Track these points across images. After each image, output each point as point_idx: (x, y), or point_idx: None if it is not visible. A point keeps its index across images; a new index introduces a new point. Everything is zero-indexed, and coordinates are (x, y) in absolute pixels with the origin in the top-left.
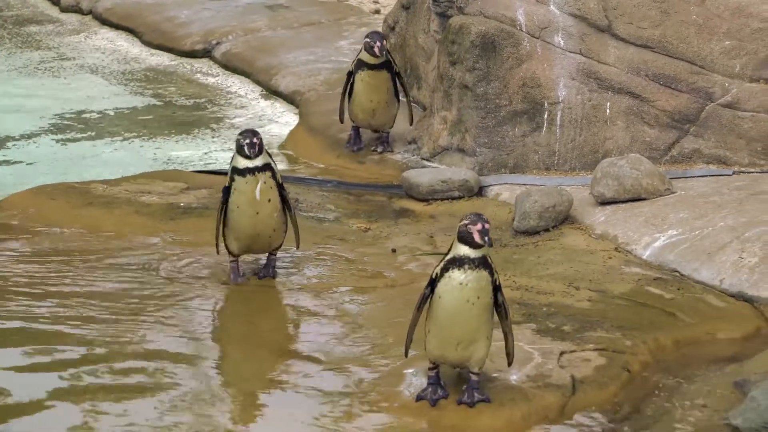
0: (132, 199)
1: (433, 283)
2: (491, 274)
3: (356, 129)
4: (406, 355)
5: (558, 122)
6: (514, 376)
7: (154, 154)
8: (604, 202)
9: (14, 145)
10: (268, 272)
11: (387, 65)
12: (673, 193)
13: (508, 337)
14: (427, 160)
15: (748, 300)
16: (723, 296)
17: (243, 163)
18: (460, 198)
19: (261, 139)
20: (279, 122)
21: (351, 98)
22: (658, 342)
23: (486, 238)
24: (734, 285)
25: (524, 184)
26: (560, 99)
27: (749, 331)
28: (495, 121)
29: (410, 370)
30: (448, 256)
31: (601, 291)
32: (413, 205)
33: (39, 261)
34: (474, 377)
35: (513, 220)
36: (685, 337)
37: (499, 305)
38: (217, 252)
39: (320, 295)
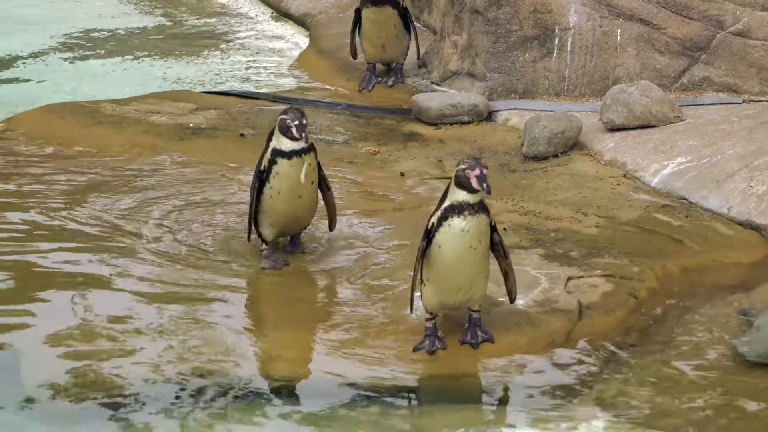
0: (141, 119)
1: (429, 233)
2: (489, 216)
3: (372, 67)
4: (411, 311)
5: (568, 48)
6: (521, 301)
7: (164, 74)
8: (614, 129)
9: (23, 63)
10: (296, 249)
11: (391, 1)
12: (682, 120)
13: (509, 276)
14: (437, 84)
15: (755, 228)
16: (731, 224)
17: (288, 144)
18: (469, 122)
19: (307, 118)
20: (289, 44)
21: (360, 34)
22: (666, 269)
23: (484, 185)
24: (742, 213)
25: (534, 110)
26: (571, 25)
27: (756, 260)
28: (505, 46)
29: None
30: (446, 204)
31: (609, 217)
32: (422, 129)
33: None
34: (475, 314)
35: (522, 145)
36: (693, 265)
37: (495, 244)
38: (248, 239)
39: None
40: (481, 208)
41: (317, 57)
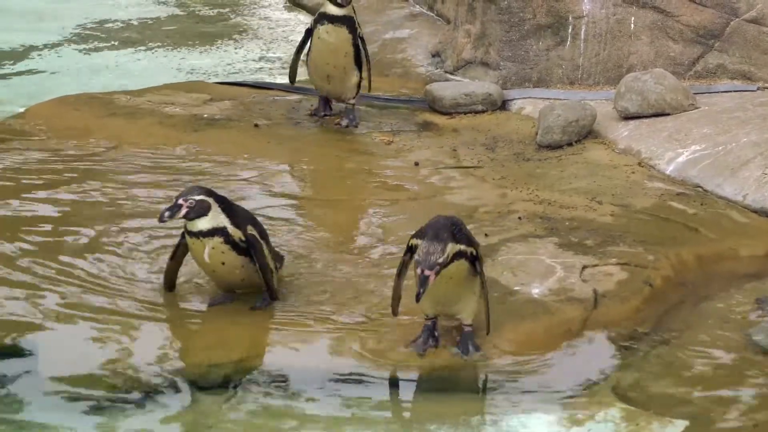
0: (155, 110)
1: (411, 250)
2: (461, 257)
3: (324, 98)
4: (394, 314)
5: (582, 36)
6: (536, 290)
7: (178, 64)
8: (628, 117)
9: (37, 54)
10: (263, 303)
11: (349, 22)
12: (696, 108)
13: (485, 307)
14: (451, 73)
15: None
16: (746, 212)
17: (188, 224)
18: (483, 112)
19: (195, 201)
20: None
21: (308, 59)
22: (681, 257)
23: (421, 290)
24: (757, 201)
25: (548, 98)
26: (585, 13)
27: None
28: (519, 34)
29: None
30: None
31: (623, 205)
32: (436, 119)
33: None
34: (467, 328)
35: (536, 134)
36: (708, 253)
37: (478, 274)
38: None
39: (341, 206)
40: (445, 266)
41: None
